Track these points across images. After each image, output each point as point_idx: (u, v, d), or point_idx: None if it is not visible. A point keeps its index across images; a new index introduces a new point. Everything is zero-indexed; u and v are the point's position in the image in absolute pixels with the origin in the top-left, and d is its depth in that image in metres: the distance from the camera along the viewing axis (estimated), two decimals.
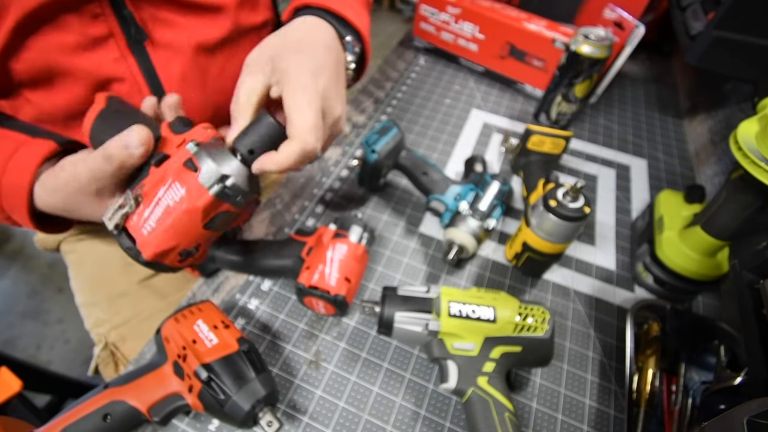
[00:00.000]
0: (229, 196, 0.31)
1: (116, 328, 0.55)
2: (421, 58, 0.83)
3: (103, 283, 0.57)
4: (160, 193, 0.31)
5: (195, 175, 0.30)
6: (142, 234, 0.31)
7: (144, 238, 0.31)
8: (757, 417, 0.23)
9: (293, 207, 0.56)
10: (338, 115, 0.37)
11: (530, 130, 0.55)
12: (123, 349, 0.54)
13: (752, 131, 0.36)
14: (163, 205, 0.31)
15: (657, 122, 0.74)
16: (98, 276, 0.58)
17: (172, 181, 0.31)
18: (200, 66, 0.47)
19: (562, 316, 0.47)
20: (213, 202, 0.31)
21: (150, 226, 0.31)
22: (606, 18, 0.71)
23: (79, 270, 0.60)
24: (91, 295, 0.58)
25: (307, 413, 0.38)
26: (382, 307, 0.38)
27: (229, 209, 0.33)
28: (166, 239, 0.31)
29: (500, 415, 0.34)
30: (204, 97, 0.49)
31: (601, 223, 0.57)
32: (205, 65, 0.48)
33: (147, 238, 0.31)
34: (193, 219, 0.31)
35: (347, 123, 0.69)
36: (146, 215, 0.31)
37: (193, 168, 0.30)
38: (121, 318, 0.55)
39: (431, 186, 0.51)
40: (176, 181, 0.30)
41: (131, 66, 0.44)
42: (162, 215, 0.31)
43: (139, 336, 0.54)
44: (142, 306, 0.56)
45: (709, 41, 0.54)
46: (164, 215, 0.31)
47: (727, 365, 0.38)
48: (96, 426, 0.32)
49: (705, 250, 0.44)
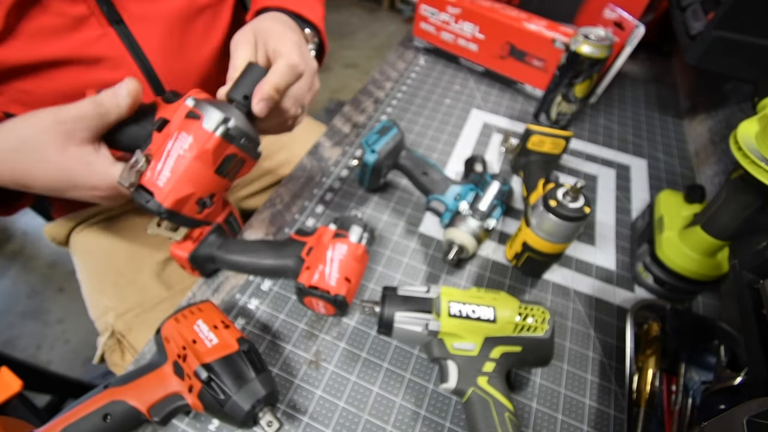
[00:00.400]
0: (234, 137, 0.34)
1: (122, 316, 0.55)
2: (421, 58, 0.83)
3: (110, 272, 0.58)
4: (169, 146, 0.33)
5: (199, 123, 0.33)
6: (158, 186, 0.33)
7: (161, 189, 0.33)
8: (757, 417, 0.23)
9: (293, 207, 0.56)
10: (315, 68, 0.44)
11: (530, 130, 0.55)
12: (129, 337, 0.55)
13: (752, 131, 0.36)
14: (174, 155, 0.33)
15: (657, 122, 0.74)
16: (106, 265, 0.58)
17: (178, 132, 0.33)
18: (178, 35, 0.50)
19: (562, 316, 0.47)
20: (220, 143, 0.33)
21: (165, 176, 0.33)
22: (606, 18, 0.71)
23: (88, 260, 0.60)
24: (99, 283, 0.58)
25: (307, 413, 0.38)
26: (382, 307, 0.38)
27: (236, 152, 0.35)
28: (182, 186, 0.33)
29: (500, 415, 0.34)
30: (186, 66, 0.52)
31: (601, 223, 0.57)
32: (183, 35, 0.50)
33: (164, 188, 0.33)
34: (205, 163, 0.33)
35: (347, 123, 0.69)
36: (159, 168, 0.33)
37: (196, 117, 0.33)
38: (127, 306, 0.56)
39: (431, 186, 0.51)
40: (182, 131, 0.33)
41: (114, 42, 0.45)
42: (174, 164, 0.33)
43: (144, 325, 0.55)
44: (149, 295, 0.56)
45: (709, 41, 0.54)
46: (176, 164, 0.33)
47: (727, 365, 0.38)
48: (96, 426, 0.32)
49: (705, 250, 0.44)
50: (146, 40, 0.47)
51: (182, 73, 0.52)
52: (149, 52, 0.48)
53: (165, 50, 0.49)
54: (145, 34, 0.47)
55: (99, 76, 0.45)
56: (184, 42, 0.51)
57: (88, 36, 0.43)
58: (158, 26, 0.48)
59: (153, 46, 0.48)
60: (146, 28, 0.47)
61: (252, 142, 0.37)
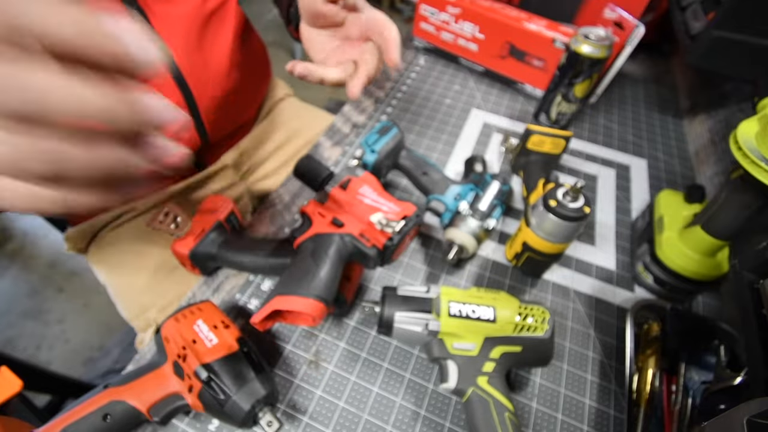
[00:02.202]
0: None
1: (164, 309, 0.56)
2: (421, 58, 0.83)
3: (142, 270, 0.58)
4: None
5: None
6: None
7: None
8: (757, 417, 0.23)
9: (293, 207, 0.56)
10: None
11: (530, 130, 0.54)
12: None
13: (752, 131, 0.36)
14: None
15: (657, 122, 0.74)
16: (136, 263, 0.58)
17: None
18: (196, 35, 0.53)
19: (562, 316, 0.47)
20: None
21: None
22: (606, 18, 0.71)
23: (115, 262, 0.60)
24: (132, 282, 0.58)
25: (307, 413, 0.38)
26: (382, 307, 0.38)
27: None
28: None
29: (500, 414, 0.34)
30: (205, 62, 0.54)
31: (601, 223, 0.57)
32: (200, 34, 0.53)
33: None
34: None
35: (347, 123, 0.69)
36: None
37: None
38: (168, 299, 0.56)
39: (431, 186, 0.51)
40: None
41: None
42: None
43: None
44: (189, 285, 0.56)
45: (709, 41, 0.54)
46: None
47: (727, 365, 0.38)
48: (96, 426, 0.32)
49: (705, 250, 0.44)
50: (170, 38, 0.50)
51: (201, 68, 0.54)
52: (173, 48, 0.51)
53: (186, 48, 0.52)
54: (168, 33, 0.50)
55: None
56: (201, 41, 0.54)
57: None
58: (179, 26, 0.51)
59: (176, 44, 0.51)
60: (169, 27, 0.50)
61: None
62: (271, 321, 0.36)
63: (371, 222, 0.38)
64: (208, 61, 0.55)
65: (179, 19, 0.51)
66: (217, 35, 0.56)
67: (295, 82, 0.68)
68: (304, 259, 0.37)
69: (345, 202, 0.40)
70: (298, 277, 0.35)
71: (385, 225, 0.37)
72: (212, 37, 0.55)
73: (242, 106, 0.67)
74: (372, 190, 0.41)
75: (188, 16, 0.52)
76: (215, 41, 0.56)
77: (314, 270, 0.35)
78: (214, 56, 0.56)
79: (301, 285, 0.34)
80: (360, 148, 0.52)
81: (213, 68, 0.56)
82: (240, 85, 0.62)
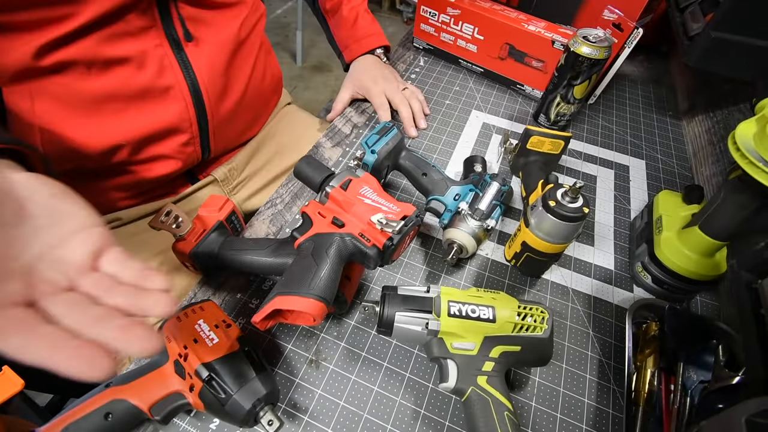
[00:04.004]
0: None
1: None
2: (421, 59, 0.83)
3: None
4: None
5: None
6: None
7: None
8: (755, 416, 0.23)
9: (293, 207, 0.56)
10: (396, 87, 0.69)
11: (529, 130, 0.55)
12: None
13: (750, 132, 0.36)
14: None
15: (655, 123, 0.74)
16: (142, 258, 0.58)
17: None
18: (224, 59, 0.55)
19: (561, 316, 0.47)
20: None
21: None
22: (605, 19, 0.72)
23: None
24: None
25: (308, 412, 0.39)
26: (382, 306, 0.38)
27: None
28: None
29: (499, 414, 0.34)
30: (225, 84, 0.57)
31: (599, 223, 0.57)
32: (228, 59, 0.56)
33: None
34: None
35: (348, 123, 0.69)
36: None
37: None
38: (178, 292, 0.55)
39: (431, 186, 0.51)
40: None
41: (169, 55, 0.50)
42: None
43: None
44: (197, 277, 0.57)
45: (707, 42, 0.54)
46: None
47: (726, 364, 0.38)
48: (97, 425, 0.32)
49: (703, 250, 0.44)
50: (199, 61, 0.52)
51: (221, 91, 0.56)
52: (199, 69, 0.53)
53: (212, 71, 0.54)
54: (200, 56, 0.52)
55: (146, 81, 0.49)
56: (228, 67, 0.56)
57: (146, 45, 0.48)
58: (213, 50, 0.54)
59: (204, 66, 0.53)
60: (204, 51, 0.53)
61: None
62: (272, 320, 0.36)
63: (371, 222, 0.38)
64: (229, 85, 0.57)
65: (215, 45, 0.54)
66: (243, 61, 0.59)
67: (297, 82, 0.68)
68: (305, 259, 0.37)
69: (345, 202, 0.40)
70: (298, 276, 0.35)
71: (385, 225, 0.37)
72: (239, 63, 0.58)
73: (249, 125, 0.68)
74: (372, 190, 0.41)
75: (224, 42, 0.55)
76: (240, 66, 0.59)
77: (315, 270, 0.36)
78: (236, 80, 0.58)
79: (302, 285, 0.35)
80: (360, 148, 0.52)
81: (232, 91, 0.58)
82: (252, 106, 0.64)
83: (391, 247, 0.38)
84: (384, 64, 0.74)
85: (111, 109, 0.48)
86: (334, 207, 0.41)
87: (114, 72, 0.46)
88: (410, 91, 0.70)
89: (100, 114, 0.47)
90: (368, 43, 0.74)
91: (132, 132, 0.50)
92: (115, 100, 0.48)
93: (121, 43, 0.46)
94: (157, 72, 0.49)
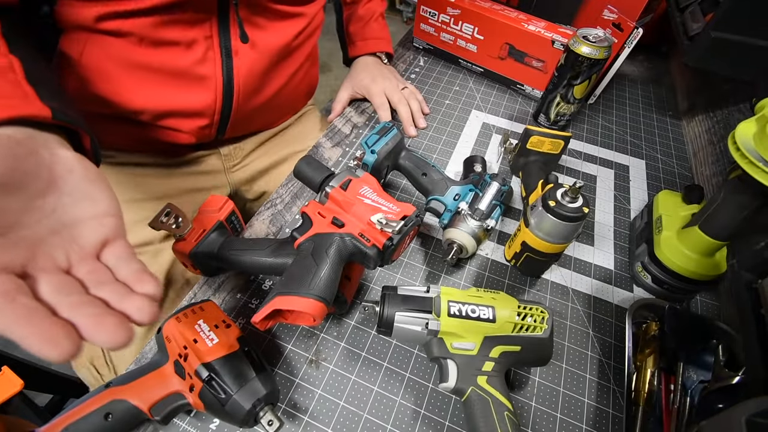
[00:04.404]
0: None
1: (165, 310, 0.55)
2: (421, 59, 0.83)
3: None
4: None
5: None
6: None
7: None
8: (755, 416, 0.23)
9: (294, 207, 0.56)
10: (395, 85, 0.70)
11: (529, 130, 0.55)
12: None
13: (750, 132, 0.36)
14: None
15: (655, 123, 0.74)
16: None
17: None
18: (266, 63, 0.56)
19: (560, 316, 0.47)
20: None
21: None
22: (605, 19, 0.72)
23: None
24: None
25: (308, 412, 0.39)
26: (382, 306, 0.38)
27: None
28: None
29: (499, 413, 0.34)
30: (261, 86, 0.57)
31: (599, 223, 0.57)
32: (270, 64, 0.56)
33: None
34: None
35: (348, 123, 0.69)
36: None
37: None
38: (167, 300, 0.56)
39: (431, 186, 0.51)
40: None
41: (215, 48, 0.50)
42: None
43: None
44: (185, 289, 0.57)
45: (707, 42, 0.54)
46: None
47: (726, 364, 0.38)
48: (97, 425, 0.32)
49: (703, 250, 0.44)
50: (244, 60, 0.53)
51: (254, 90, 0.56)
52: (239, 67, 0.53)
53: (252, 72, 0.54)
54: (247, 57, 0.53)
55: (186, 65, 0.50)
56: (271, 71, 0.57)
57: (197, 35, 0.49)
58: (261, 53, 0.54)
59: (245, 66, 0.53)
60: (252, 53, 0.53)
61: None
62: (272, 320, 0.36)
63: (371, 222, 0.38)
64: (263, 86, 0.58)
65: (264, 49, 0.54)
66: (285, 68, 0.60)
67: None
68: (305, 259, 0.37)
69: (345, 202, 0.40)
70: (298, 276, 0.35)
71: (384, 225, 0.37)
72: (280, 69, 0.59)
73: (270, 122, 0.69)
74: (372, 190, 0.41)
75: (274, 48, 0.55)
76: (281, 72, 0.60)
77: (314, 270, 0.36)
78: (272, 83, 0.59)
79: (302, 285, 0.35)
80: (360, 148, 0.52)
81: (264, 92, 0.59)
82: (279, 107, 0.66)
83: (391, 247, 0.38)
84: (384, 64, 0.75)
85: (146, 78, 0.49)
86: (334, 207, 0.41)
87: (161, 50, 0.47)
88: (409, 91, 0.70)
89: (135, 79, 0.49)
90: (375, 45, 0.75)
91: (158, 104, 0.51)
92: (154, 72, 0.49)
93: (176, 29, 0.47)
94: (199, 60, 0.50)
